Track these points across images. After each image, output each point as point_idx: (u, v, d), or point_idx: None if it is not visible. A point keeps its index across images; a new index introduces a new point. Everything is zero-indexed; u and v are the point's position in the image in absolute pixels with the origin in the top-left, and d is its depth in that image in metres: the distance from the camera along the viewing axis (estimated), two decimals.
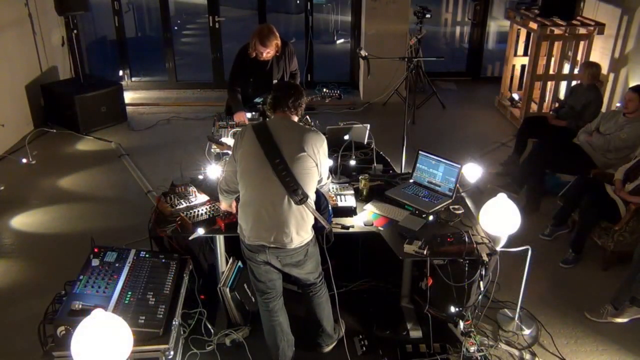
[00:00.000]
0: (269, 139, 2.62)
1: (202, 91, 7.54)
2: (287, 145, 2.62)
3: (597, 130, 4.55)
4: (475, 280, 2.96)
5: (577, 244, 3.94)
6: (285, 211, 2.62)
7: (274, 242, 2.66)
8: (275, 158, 2.58)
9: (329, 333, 3.09)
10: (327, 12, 11.24)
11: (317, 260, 2.89)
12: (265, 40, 3.95)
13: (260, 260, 2.77)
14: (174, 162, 5.06)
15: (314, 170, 2.66)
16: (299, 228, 2.67)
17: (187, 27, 11.47)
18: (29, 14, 6.01)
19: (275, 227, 2.64)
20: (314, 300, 2.97)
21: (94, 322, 2.10)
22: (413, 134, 5.10)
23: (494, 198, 2.98)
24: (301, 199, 2.60)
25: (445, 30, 11.27)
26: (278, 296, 2.94)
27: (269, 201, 2.63)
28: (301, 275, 2.87)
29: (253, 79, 4.25)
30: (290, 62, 4.25)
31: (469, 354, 3.07)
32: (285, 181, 2.57)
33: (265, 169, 2.60)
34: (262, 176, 2.61)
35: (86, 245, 2.97)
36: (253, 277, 2.89)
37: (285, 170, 2.57)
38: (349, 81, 7.72)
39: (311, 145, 2.64)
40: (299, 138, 2.64)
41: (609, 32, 5.73)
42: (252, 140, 2.65)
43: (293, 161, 2.59)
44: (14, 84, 5.87)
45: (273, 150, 2.60)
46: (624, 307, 3.40)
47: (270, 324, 2.93)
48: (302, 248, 2.72)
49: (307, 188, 2.63)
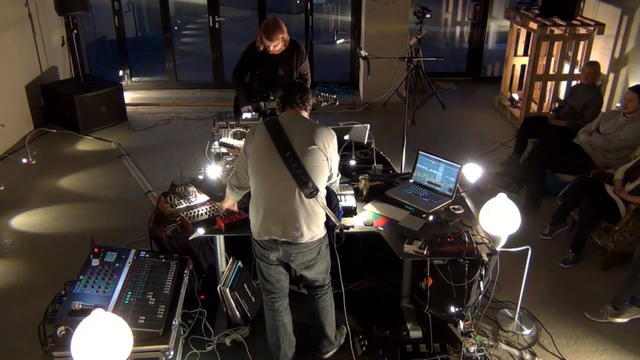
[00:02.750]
0: (280, 132, 2.64)
1: (202, 91, 7.54)
2: (298, 138, 2.63)
3: (597, 130, 4.55)
4: (475, 280, 2.96)
5: (577, 244, 3.94)
6: (295, 204, 2.62)
7: (284, 235, 2.65)
8: (286, 151, 2.60)
9: (331, 339, 3.08)
10: (327, 12, 11.24)
11: (328, 262, 2.89)
12: (270, 33, 3.95)
13: (272, 260, 2.77)
14: (174, 162, 5.07)
15: (324, 164, 2.67)
16: (310, 222, 2.66)
17: (187, 27, 11.47)
18: (29, 14, 6.01)
19: (285, 221, 2.64)
20: (319, 304, 2.97)
21: (94, 322, 2.10)
22: (413, 134, 5.10)
23: (494, 198, 2.98)
24: (312, 192, 2.60)
25: (445, 30, 11.28)
26: (284, 296, 2.94)
27: (280, 194, 2.63)
28: (311, 276, 2.86)
29: (259, 71, 4.26)
30: (301, 63, 4.23)
31: (469, 354, 3.07)
32: (296, 174, 2.58)
33: (276, 162, 2.61)
34: (273, 169, 2.62)
35: (86, 245, 2.98)
36: (261, 277, 2.89)
37: (296, 163, 2.59)
38: (349, 81, 7.72)
39: (322, 139, 2.65)
40: (310, 132, 2.66)
41: (609, 32, 5.73)
42: (263, 134, 2.66)
43: (304, 154, 2.60)
44: (14, 84, 5.87)
45: (284, 143, 2.62)
46: (624, 307, 3.40)
47: (274, 323, 2.93)
48: (314, 245, 2.72)
49: (317, 181, 2.63)
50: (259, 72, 4.27)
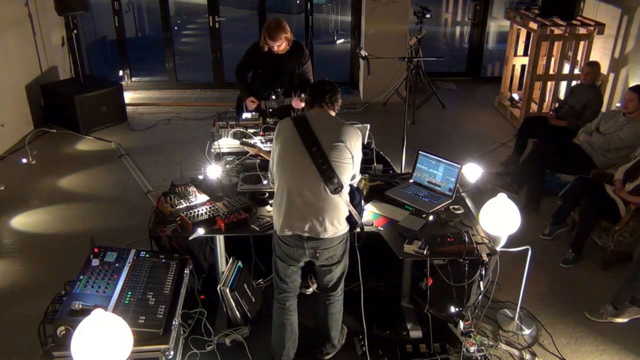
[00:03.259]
0: (308, 128, 2.67)
1: (202, 91, 7.54)
2: (325, 134, 2.66)
3: (597, 130, 4.55)
4: (475, 280, 2.95)
5: (577, 244, 3.94)
6: (320, 199, 2.63)
7: (308, 231, 2.66)
8: (313, 146, 2.62)
9: (334, 343, 3.08)
10: (327, 12, 11.25)
11: (345, 265, 2.91)
12: (273, 33, 3.96)
13: (295, 259, 2.77)
14: (174, 162, 5.07)
15: (349, 162, 2.69)
16: (333, 217, 2.67)
17: (187, 27, 11.47)
18: (29, 14, 6.01)
19: (309, 215, 2.65)
20: (329, 309, 2.97)
21: (94, 322, 2.09)
22: (413, 134, 5.10)
23: (494, 198, 2.98)
24: (336, 188, 2.62)
25: (445, 30, 11.28)
26: (295, 295, 2.97)
27: (305, 188, 2.64)
28: (328, 276, 2.87)
29: (261, 70, 4.26)
30: (304, 64, 4.22)
31: (469, 354, 3.07)
32: (322, 169, 2.60)
33: (302, 156, 2.63)
34: (299, 163, 2.64)
35: (86, 245, 2.97)
36: (277, 276, 2.90)
37: (323, 158, 2.61)
38: (349, 81, 7.72)
39: (349, 138, 2.68)
40: (337, 129, 2.69)
41: (609, 32, 5.73)
42: (290, 129, 2.69)
43: (330, 150, 2.63)
44: (14, 84, 5.87)
45: (311, 138, 2.64)
46: (624, 307, 3.40)
47: (282, 321, 2.94)
48: (338, 241, 2.73)
49: (342, 178, 2.65)
50: (261, 71, 4.28)
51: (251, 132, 3.92)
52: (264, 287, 3.61)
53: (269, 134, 3.94)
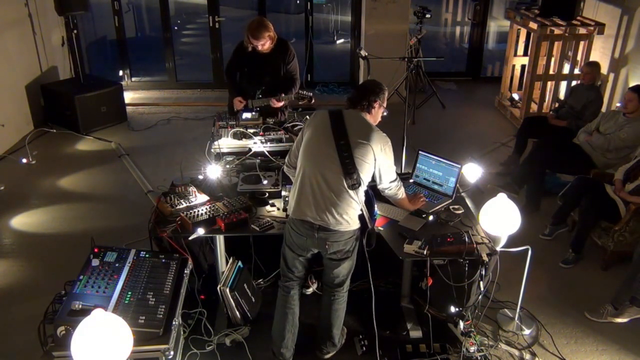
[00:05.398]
0: (341, 122, 2.73)
1: (202, 91, 7.55)
2: (355, 132, 2.71)
3: (597, 130, 4.55)
4: (475, 280, 2.95)
5: (577, 244, 3.94)
6: (336, 190, 2.67)
7: (319, 219, 2.70)
8: (341, 139, 2.68)
9: (334, 341, 3.09)
10: (327, 12, 11.24)
11: (353, 262, 2.93)
12: (255, 32, 3.97)
13: (304, 249, 2.81)
14: (174, 162, 5.07)
15: (371, 163, 2.72)
16: (344, 211, 2.70)
17: (187, 27, 11.47)
18: (29, 14, 6.01)
19: (321, 204, 2.69)
20: (332, 305, 2.99)
21: (94, 322, 2.09)
22: (413, 134, 5.10)
23: (494, 198, 2.98)
24: (354, 183, 2.66)
25: (445, 30, 11.27)
26: (300, 284, 3.00)
27: (324, 178, 2.69)
28: (335, 272, 2.89)
29: (247, 69, 4.27)
30: (288, 63, 4.22)
31: (469, 354, 3.07)
32: (345, 162, 2.65)
33: (328, 146, 2.68)
34: (324, 152, 2.69)
35: (86, 245, 2.97)
36: (284, 264, 2.94)
37: (347, 152, 2.66)
38: (349, 81, 7.72)
39: (376, 141, 2.72)
40: (367, 131, 2.74)
41: (609, 32, 5.73)
42: (324, 118, 2.76)
43: (356, 146, 2.67)
44: (14, 84, 5.87)
45: (341, 131, 2.70)
46: (624, 307, 3.40)
47: (284, 310, 2.96)
48: (348, 235, 2.76)
49: (362, 175, 2.69)
50: (247, 70, 4.28)
51: (251, 132, 3.92)
52: (264, 287, 3.62)
53: (269, 134, 3.95)
